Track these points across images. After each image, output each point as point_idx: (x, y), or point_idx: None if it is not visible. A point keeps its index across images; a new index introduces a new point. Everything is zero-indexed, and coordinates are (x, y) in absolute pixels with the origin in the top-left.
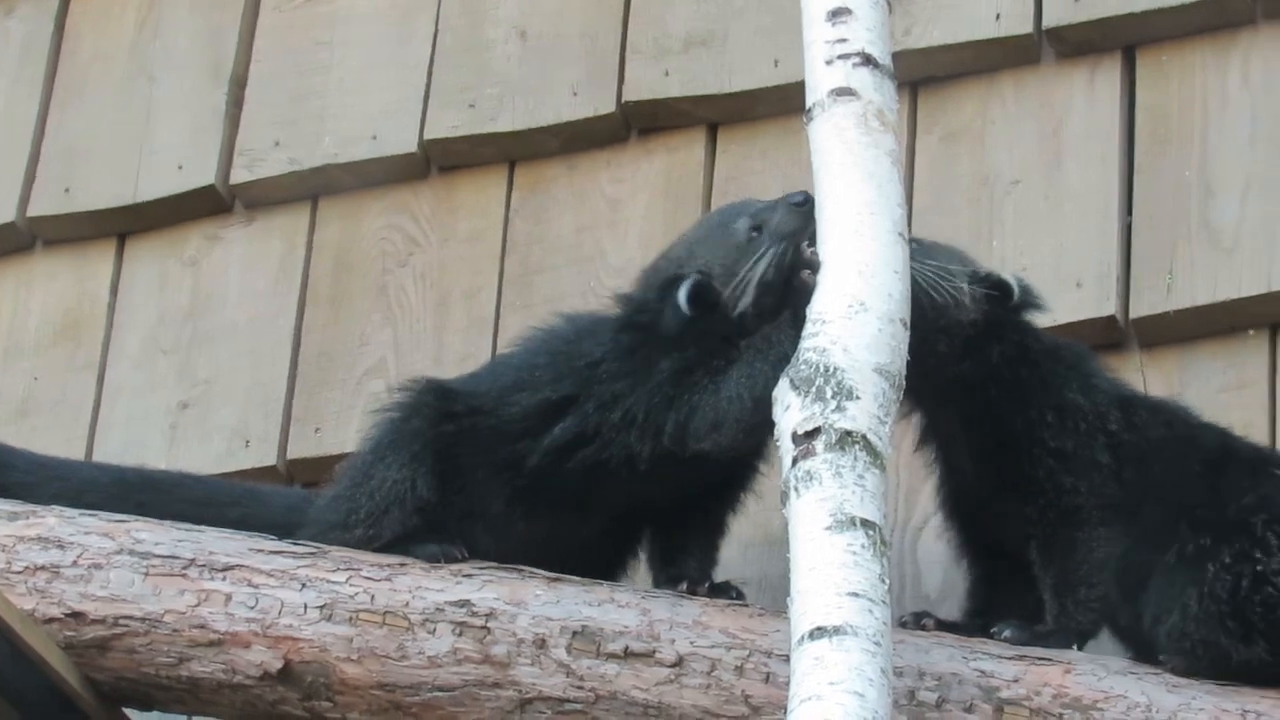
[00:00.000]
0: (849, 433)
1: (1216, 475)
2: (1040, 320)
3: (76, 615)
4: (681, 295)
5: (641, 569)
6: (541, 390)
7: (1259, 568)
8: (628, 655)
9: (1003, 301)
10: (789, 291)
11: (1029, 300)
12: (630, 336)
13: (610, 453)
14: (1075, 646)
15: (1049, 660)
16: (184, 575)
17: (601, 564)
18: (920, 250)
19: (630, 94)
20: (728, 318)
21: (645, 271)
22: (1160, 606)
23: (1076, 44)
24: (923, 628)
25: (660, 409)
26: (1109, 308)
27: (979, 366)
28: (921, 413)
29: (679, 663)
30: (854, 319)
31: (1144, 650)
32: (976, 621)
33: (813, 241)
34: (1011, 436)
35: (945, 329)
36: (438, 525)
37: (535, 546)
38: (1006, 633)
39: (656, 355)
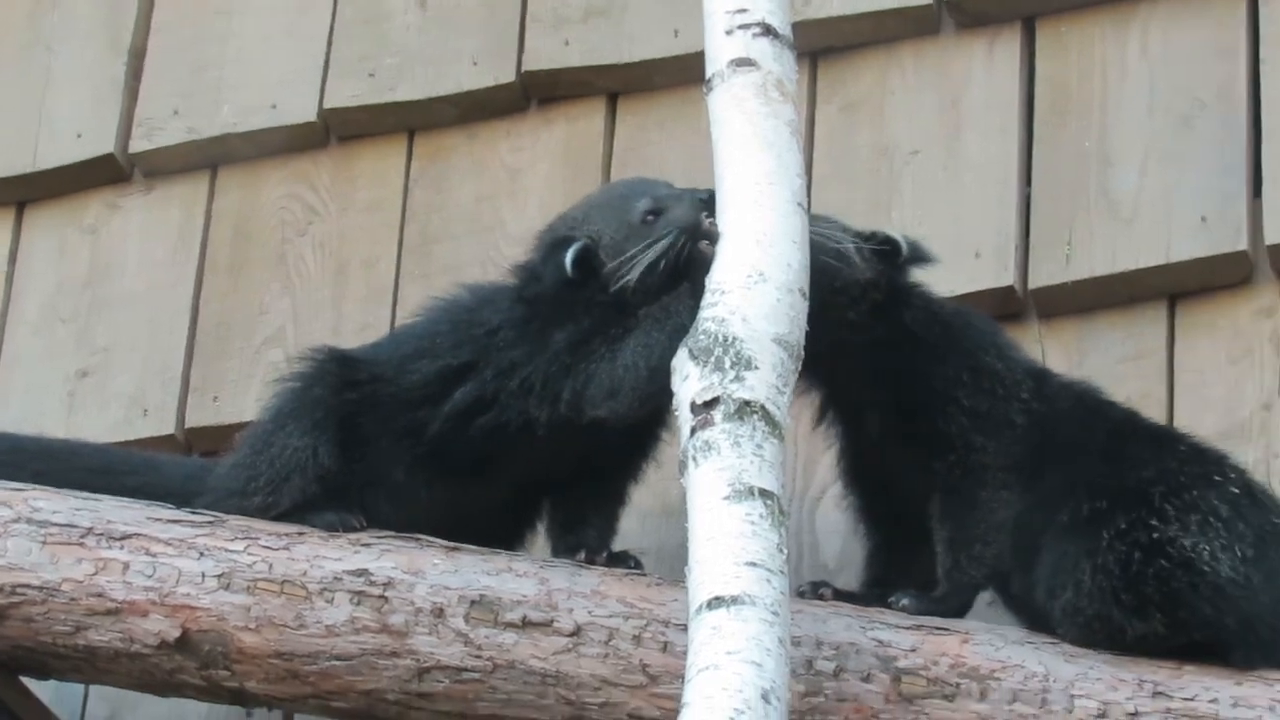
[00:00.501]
0: (747, 403)
1: (1119, 447)
2: (937, 280)
3: None
4: (568, 256)
5: (540, 539)
6: (442, 358)
7: (1154, 535)
8: (525, 624)
9: (893, 258)
10: (672, 281)
11: (918, 255)
12: (527, 305)
13: (508, 418)
14: (967, 603)
15: (946, 630)
16: (81, 544)
17: (502, 533)
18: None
19: (530, 63)
20: (606, 288)
21: (541, 232)
22: (1054, 580)
23: (975, 14)
24: (820, 597)
25: (557, 376)
26: (1008, 278)
27: (893, 329)
28: (823, 382)
29: (577, 632)
30: (753, 289)
31: (1037, 620)
32: (874, 591)
33: (712, 213)
34: (928, 393)
35: (843, 289)
36: (338, 494)
37: (436, 515)
38: (904, 601)
39: (553, 324)
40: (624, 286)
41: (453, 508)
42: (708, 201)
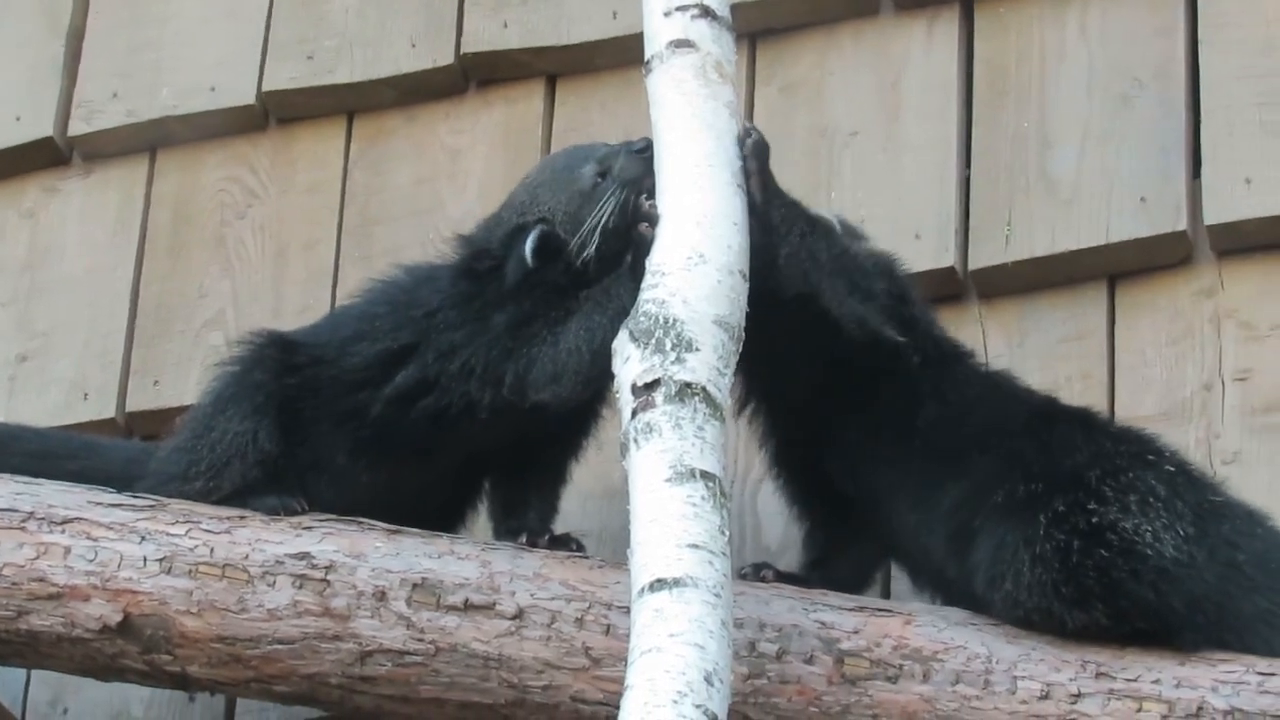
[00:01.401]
0: (688, 384)
1: (1048, 429)
2: None
3: None
4: (527, 247)
5: (482, 520)
6: (381, 340)
7: (1093, 520)
8: (468, 607)
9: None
10: (629, 241)
11: (850, 234)
12: (468, 284)
13: (450, 401)
14: None
15: (889, 611)
16: (22, 528)
17: (444, 514)
18: None
19: (469, 45)
20: (570, 266)
21: (487, 220)
22: (994, 569)
23: None
24: (763, 579)
25: (499, 360)
26: (948, 259)
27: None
28: (750, 364)
29: (519, 615)
30: (693, 271)
31: (975, 606)
32: (815, 573)
33: (652, 195)
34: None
35: None
36: (279, 478)
37: (378, 498)
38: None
39: (494, 305)
40: (589, 258)
41: (394, 490)
42: (644, 151)
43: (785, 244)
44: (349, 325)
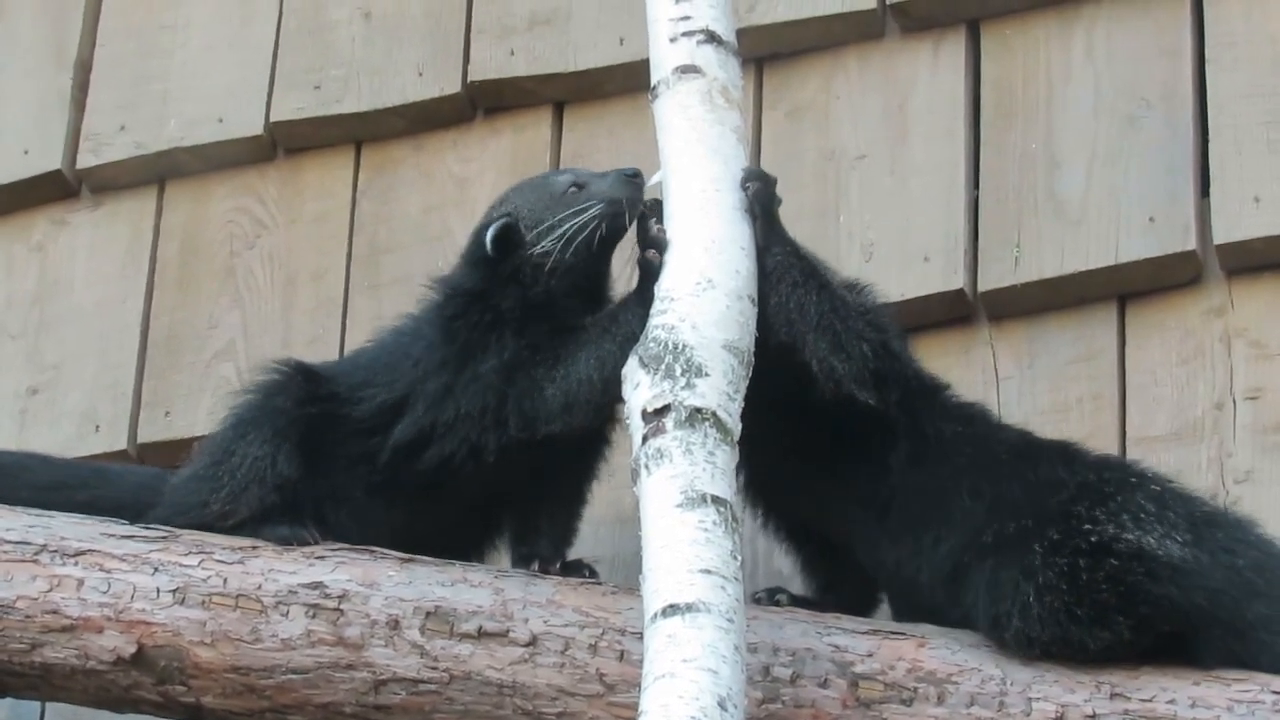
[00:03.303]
0: (699, 410)
1: (1028, 467)
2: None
3: None
4: (488, 234)
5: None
6: (381, 391)
7: (1093, 539)
8: (481, 635)
9: None
10: (598, 257)
11: (851, 288)
12: (446, 327)
13: (453, 449)
14: None
15: (902, 634)
16: (35, 561)
17: (467, 546)
18: None
19: (476, 73)
20: (527, 265)
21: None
22: (995, 608)
23: (920, 18)
24: (776, 603)
25: (495, 403)
26: (957, 281)
27: None
28: None
29: (533, 642)
30: (702, 296)
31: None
32: (829, 596)
33: (659, 219)
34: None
35: None
36: (295, 506)
37: (399, 532)
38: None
39: (477, 346)
40: (546, 257)
41: (414, 525)
42: (633, 176)
43: (775, 293)
44: (359, 370)
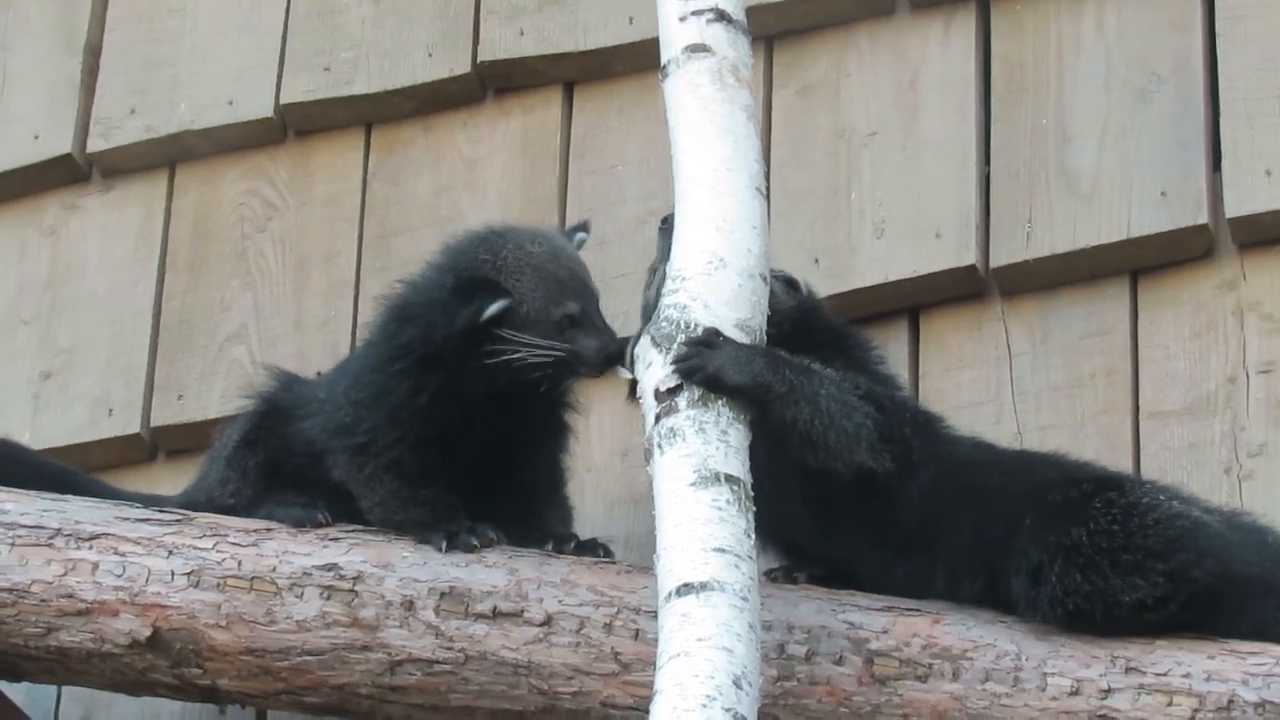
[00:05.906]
0: None
1: (1049, 467)
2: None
3: None
4: (490, 309)
5: None
6: (318, 416)
7: (1125, 507)
8: (496, 615)
9: (796, 293)
10: (536, 384)
11: (812, 292)
12: (387, 350)
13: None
14: None
15: (917, 611)
16: (50, 545)
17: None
18: None
19: (485, 54)
20: (491, 339)
21: (459, 253)
22: (1037, 555)
23: None
24: (793, 581)
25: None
26: (969, 257)
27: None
28: None
29: (548, 621)
30: (714, 275)
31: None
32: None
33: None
34: None
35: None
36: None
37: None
38: None
39: (410, 375)
40: (505, 352)
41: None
42: (617, 355)
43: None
44: (323, 385)
